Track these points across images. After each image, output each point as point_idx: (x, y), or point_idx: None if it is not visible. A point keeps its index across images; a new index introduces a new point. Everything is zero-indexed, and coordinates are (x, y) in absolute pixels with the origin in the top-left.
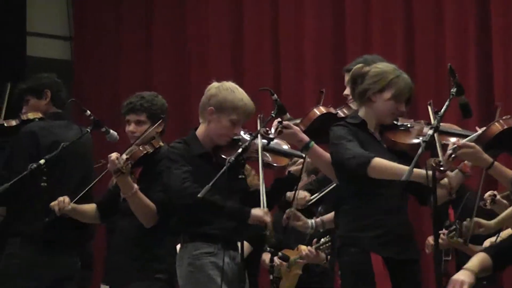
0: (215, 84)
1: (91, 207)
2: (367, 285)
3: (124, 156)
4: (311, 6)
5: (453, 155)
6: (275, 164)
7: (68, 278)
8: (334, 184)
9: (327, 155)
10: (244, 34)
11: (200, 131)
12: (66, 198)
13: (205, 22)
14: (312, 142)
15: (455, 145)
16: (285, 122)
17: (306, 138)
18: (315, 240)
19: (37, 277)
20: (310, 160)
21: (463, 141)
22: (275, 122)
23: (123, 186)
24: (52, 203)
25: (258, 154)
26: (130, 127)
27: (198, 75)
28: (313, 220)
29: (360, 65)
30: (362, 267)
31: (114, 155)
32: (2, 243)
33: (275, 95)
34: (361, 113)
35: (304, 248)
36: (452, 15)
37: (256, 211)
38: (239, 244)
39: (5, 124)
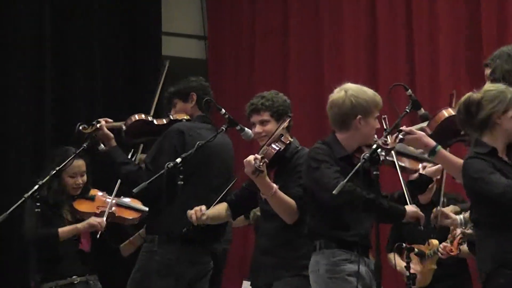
0: (341, 94)
1: (223, 207)
2: None
3: (259, 156)
4: (445, 1)
5: None
6: (410, 168)
7: (203, 276)
8: None
9: (456, 159)
10: (378, 32)
11: (341, 138)
12: (203, 207)
13: (340, 23)
14: (439, 147)
15: None
16: (407, 128)
17: (432, 142)
18: (450, 235)
19: (175, 275)
20: (439, 164)
21: None
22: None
23: (262, 187)
24: (189, 212)
25: (392, 158)
26: (256, 129)
27: (332, 76)
28: (461, 216)
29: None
30: None
31: (250, 157)
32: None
33: (410, 90)
34: (486, 139)
35: (436, 243)
36: None
37: (410, 208)
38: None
39: (155, 122)
